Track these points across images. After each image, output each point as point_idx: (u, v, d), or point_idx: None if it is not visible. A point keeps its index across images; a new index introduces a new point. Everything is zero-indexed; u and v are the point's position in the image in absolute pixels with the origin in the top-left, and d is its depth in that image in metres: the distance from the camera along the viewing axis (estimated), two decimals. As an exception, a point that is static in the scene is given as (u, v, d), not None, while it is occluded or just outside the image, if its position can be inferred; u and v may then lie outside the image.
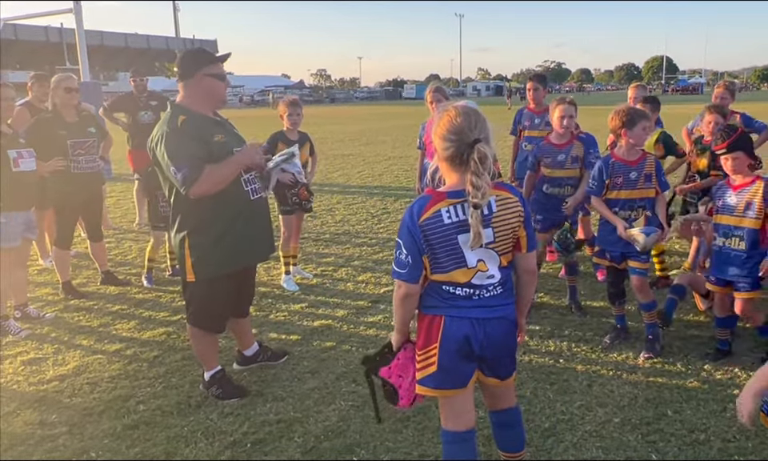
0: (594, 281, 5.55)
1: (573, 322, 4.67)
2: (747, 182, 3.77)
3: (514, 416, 2.61)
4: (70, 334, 4.73)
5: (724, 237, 3.83)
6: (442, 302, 2.30)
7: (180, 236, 3.46)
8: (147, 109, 7.92)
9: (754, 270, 3.72)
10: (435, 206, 2.20)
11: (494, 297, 2.30)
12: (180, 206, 3.44)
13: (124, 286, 5.80)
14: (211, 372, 3.71)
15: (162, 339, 4.56)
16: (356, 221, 8.38)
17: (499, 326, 2.32)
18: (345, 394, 3.67)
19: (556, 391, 3.63)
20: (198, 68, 3.40)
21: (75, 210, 5.57)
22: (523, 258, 2.37)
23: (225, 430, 3.33)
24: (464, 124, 2.17)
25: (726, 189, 3.88)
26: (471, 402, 2.45)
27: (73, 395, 3.76)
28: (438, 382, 2.34)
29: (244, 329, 4.03)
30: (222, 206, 3.39)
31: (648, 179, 4.02)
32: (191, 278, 3.48)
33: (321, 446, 3.15)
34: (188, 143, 3.27)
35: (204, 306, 3.57)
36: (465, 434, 2.41)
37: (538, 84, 6.07)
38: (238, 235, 3.48)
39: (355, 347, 4.32)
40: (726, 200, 3.83)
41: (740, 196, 3.76)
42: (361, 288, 5.62)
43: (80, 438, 3.28)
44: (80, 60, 15.01)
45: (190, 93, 3.44)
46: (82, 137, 5.35)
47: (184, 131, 3.29)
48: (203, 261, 3.44)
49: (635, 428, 3.24)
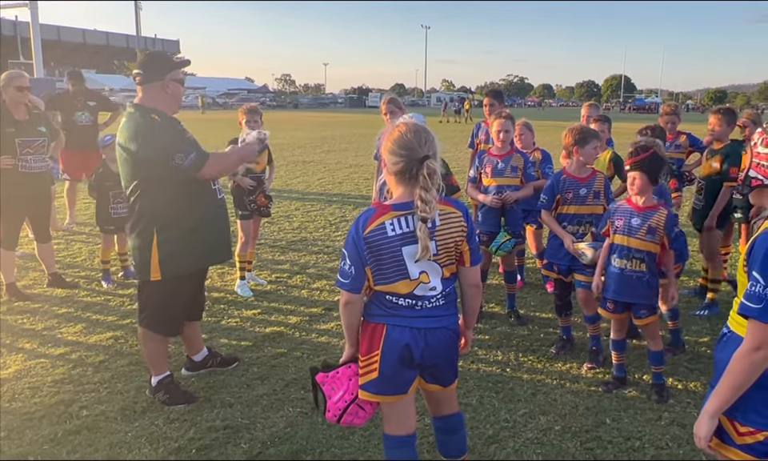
0: (543, 292, 5.69)
1: (521, 333, 4.78)
2: (651, 207, 3.64)
3: (457, 422, 2.67)
4: (12, 337, 4.60)
5: (625, 258, 3.66)
6: (384, 311, 2.36)
7: (146, 233, 3.41)
8: (84, 109, 7.76)
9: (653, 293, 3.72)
10: (380, 219, 2.27)
11: (436, 307, 2.36)
12: (149, 203, 3.39)
13: (72, 288, 5.67)
14: (159, 377, 3.67)
15: (108, 344, 4.48)
16: (314, 228, 8.38)
17: (441, 336, 2.38)
18: (294, 401, 3.67)
19: (501, 400, 3.72)
20: (166, 72, 3.42)
21: (22, 211, 5.42)
22: (467, 271, 2.45)
23: (170, 435, 3.29)
24: (414, 140, 2.25)
25: (627, 208, 3.70)
26: (412, 409, 2.52)
27: (13, 400, 3.66)
28: (378, 388, 2.40)
29: (194, 333, 4.01)
30: (194, 201, 3.43)
31: (596, 196, 4.17)
32: (156, 276, 3.43)
33: (267, 452, 3.16)
34: (180, 133, 3.34)
35: (163, 307, 3.55)
36: (406, 438, 2.48)
37: (494, 99, 6.21)
38: (207, 233, 3.53)
39: (306, 354, 4.33)
40: (630, 221, 3.64)
41: (643, 219, 3.61)
42: (315, 295, 5.63)
43: (18, 444, 3.20)
44: (33, 55, 14.62)
45: (154, 95, 3.42)
46: (32, 136, 5.23)
47: (165, 126, 3.33)
48: (173, 257, 3.42)
49: (575, 435, 3.35)
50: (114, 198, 5.80)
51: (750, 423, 1.88)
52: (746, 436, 1.88)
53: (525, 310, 5.26)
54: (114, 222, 5.84)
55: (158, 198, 3.37)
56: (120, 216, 5.86)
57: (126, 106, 3.57)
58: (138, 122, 3.34)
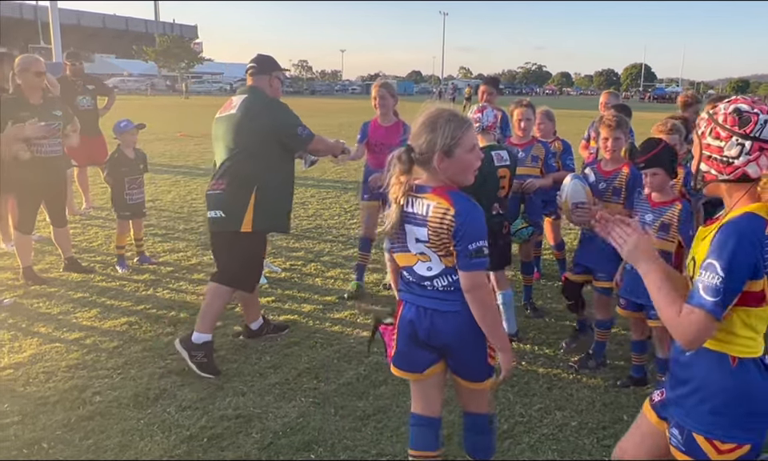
0: (560, 284, 5.59)
1: (537, 325, 4.71)
2: (666, 202, 3.48)
3: (480, 424, 2.61)
4: (28, 320, 4.63)
5: None
6: (404, 287, 2.49)
7: (245, 191, 3.81)
8: (85, 93, 7.69)
9: None
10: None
11: (446, 291, 2.34)
12: (253, 166, 3.83)
13: (87, 273, 5.69)
14: (204, 338, 3.83)
15: (122, 329, 4.49)
16: (329, 216, 8.34)
17: (451, 319, 2.34)
18: (306, 391, 3.65)
19: (516, 393, 3.66)
20: (272, 70, 4.06)
21: (37, 195, 5.42)
22: (459, 273, 2.30)
23: (182, 423, 3.29)
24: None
25: (644, 203, 3.56)
26: (435, 392, 2.54)
27: (27, 384, 3.67)
28: (396, 362, 2.52)
29: (255, 300, 4.33)
30: (288, 172, 4.07)
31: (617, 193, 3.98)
32: (248, 228, 3.81)
33: (278, 443, 3.14)
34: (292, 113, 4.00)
35: (250, 262, 3.98)
36: (427, 419, 2.53)
37: (491, 87, 6.07)
38: (286, 201, 4.12)
39: (320, 343, 4.30)
40: (644, 216, 3.50)
41: (656, 214, 3.48)
42: (329, 284, 5.60)
43: (32, 429, 3.21)
44: (53, 39, 14.68)
45: (263, 85, 4.01)
46: (46, 120, 5.20)
47: (286, 105, 4.00)
48: (262, 213, 3.84)
49: (591, 432, 3.29)
50: (130, 184, 5.80)
51: (731, 440, 1.80)
52: (727, 454, 1.80)
53: (541, 301, 5.19)
54: (129, 208, 5.84)
55: (261, 162, 3.83)
56: (135, 202, 5.87)
57: (243, 87, 4.12)
58: (266, 98, 3.95)
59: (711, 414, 1.82)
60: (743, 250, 1.66)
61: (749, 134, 1.71)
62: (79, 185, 8.27)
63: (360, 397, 3.58)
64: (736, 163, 1.73)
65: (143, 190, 6.04)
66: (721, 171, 1.78)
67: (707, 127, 1.81)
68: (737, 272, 1.67)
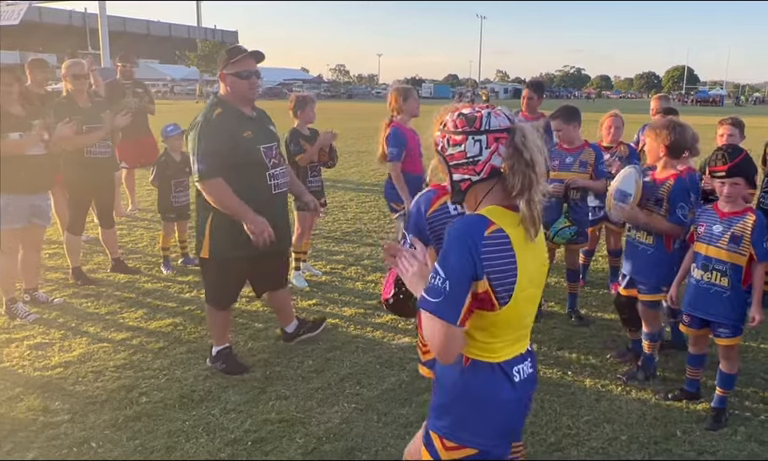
0: (605, 292, 5.46)
1: (583, 334, 4.60)
2: (737, 212, 3.29)
3: None
4: (77, 320, 4.74)
5: (703, 269, 3.35)
6: None
7: (202, 215, 3.71)
8: (134, 97, 7.76)
9: (736, 312, 3.30)
10: (441, 200, 2.36)
11: None
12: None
13: (133, 274, 5.80)
14: (218, 348, 3.93)
15: (168, 331, 4.55)
16: (368, 219, 8.34)
17: None
18: (348, 396, 3.63)
19: (563, 404, 3.57)
20: (221, 66, 3.66)
21: (87, 196, 5.57)
22: None
23: (226, 426, 3.31)
24: None
25: (711, 213, 3.39)
26: None
27: (77, 383, 3.75)
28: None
29: (282, 303, 4.27)
30: (246, 195, 3.60)
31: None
32: (205, 255, 3.72)
33: (322, 448, 3.12)
34: (216, 139, 3.53)
35: (213, 285, 3.88)
36: None
37: (534, 92, 5.95)
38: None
39: (361, 348, 4.28)
40: (711, 227, 3.34)
41: (726, 225, 3.29)
42: (370, 288, 5.58)
43: (81, 427, 3.27)
44: (101, 45, 15.13)
45: (222, 89, 3.72)
46: (96, 122, 5.34)
47: (216, 125, 3.56)
48: (219, 242, 3.68)
49: (642, 447, 3.18)
50: (176, 187, 5.89)
51: (454, 439, 1.83)
52: (451, 451, 1.84)
53: (586, 310, 5.07)
54: (175, 210, 5.94)
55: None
56: (180, 204, 5.96)
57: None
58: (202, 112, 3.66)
59: (440, 410, 1.89)
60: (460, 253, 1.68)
61: (480, 129, 1.77)
62: (126, 187, 8.46)
63: (403, 404, 3.55)
64: (482, 159, 1.77)
65: (188, 193, 6.13)
66: (472, 173, 1.79)
67: (444, 141, 1.84)
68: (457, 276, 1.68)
